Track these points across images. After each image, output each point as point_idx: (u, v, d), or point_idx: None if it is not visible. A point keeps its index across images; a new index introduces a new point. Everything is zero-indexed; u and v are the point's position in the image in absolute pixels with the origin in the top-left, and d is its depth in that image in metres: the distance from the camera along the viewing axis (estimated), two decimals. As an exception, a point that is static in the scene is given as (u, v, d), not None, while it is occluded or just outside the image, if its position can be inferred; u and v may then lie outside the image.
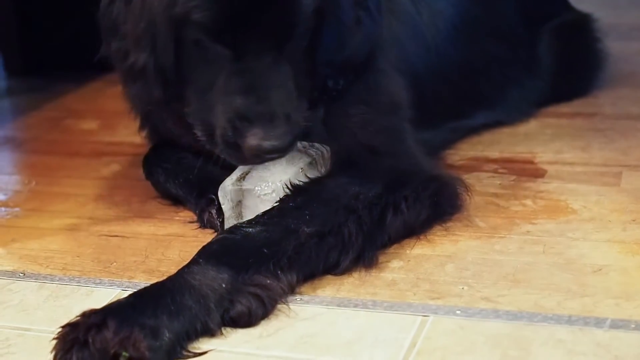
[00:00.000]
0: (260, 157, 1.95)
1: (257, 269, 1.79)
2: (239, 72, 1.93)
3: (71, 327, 1.64)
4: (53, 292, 1.94)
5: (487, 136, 2.65)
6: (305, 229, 1.88)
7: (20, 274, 2.02)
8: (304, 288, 1.86)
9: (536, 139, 2.62)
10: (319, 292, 1.85)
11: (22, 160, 2.88)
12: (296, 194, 1.99)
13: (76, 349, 1.59)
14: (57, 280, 1.99)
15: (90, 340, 1.59)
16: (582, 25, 3.01)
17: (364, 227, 1.93)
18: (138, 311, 1.67)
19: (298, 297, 1.83)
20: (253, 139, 1.90)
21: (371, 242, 1.94)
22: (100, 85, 3.50)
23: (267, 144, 1.91)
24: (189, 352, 1.66)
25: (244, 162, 2.02)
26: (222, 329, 1.72)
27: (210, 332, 1.71)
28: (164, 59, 1.99)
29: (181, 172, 2.28)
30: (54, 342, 1.62)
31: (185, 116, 2.04)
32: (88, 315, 1.65)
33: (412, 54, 2.38)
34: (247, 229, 1.88)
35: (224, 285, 1.75)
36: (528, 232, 2.06)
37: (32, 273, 2.03)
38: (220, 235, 1.90)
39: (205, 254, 1.82)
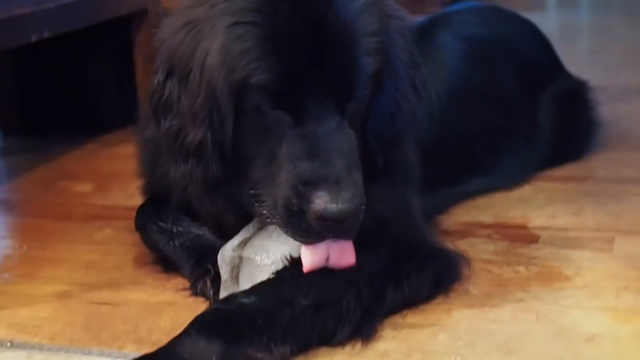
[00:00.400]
0: (328, 223, 1.82)
1: (250, 342, 1.77)
2: (301, 137, 1.86)
3: None
4: (42, 362, 1.93)
5: (481, 200, 2.65)
6: (302, 300, 1.85)
7: (8, 343, 2.00)
8: (298, 358, 1.85)
9: (529, 203, 2.62)
10: (312, 362, 1.84)
11: (14, 223, 2.87)
12: (294, 264, 1.95)
13: None
14: (46, 350, 1.97)
15: None
16: (579, 93, 3.02)
17: (364, 301, 1.91)
18: None
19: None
20: (319, 203, 1.80)
21: (370, 316, 1.91)
22: (95, 146, 3.50)
23: (334, 207, 1.80)
24: None
25: (309, 235, 1.88)
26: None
27: None
28: (223, 132, 1.92)
29: (178, 235, 2.25)
30: None
31: (247, 193, 1.97)
32: None
33: (420, 123, 2.33)
34: (242, 300, 1.86)
35: (214, 358, 1.73)
36: (521, 299, 2.05)
37: (20, 342, 2.01)
38: (214, 306, 1.89)
39: (197, 325, 1.80)
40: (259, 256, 1.99)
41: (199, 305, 2.05)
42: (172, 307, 2.12)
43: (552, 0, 6.82)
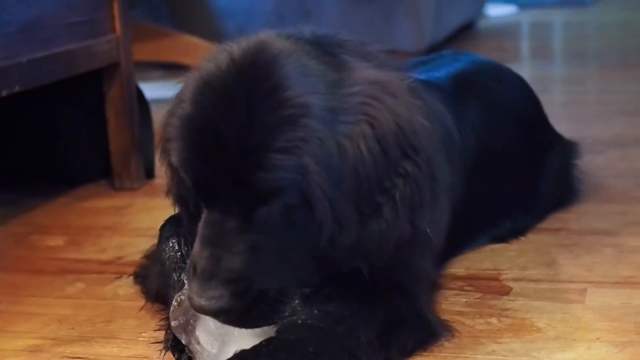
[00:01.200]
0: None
1: None
2: (208, 223, 1.88)
3: None
4: (12, 417, 1.92)
5: (453, 252, 2.65)
6: None
7: (-21, 399, 1.99)
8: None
9: (502, 255, 2.62)
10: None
11: (-15, 277, 2.85)
12: (296, 325, 1.92)
13: None
14: (17, 405, 1.97)
15: None
16: (571, 157, 3.03)
17: None
18: None
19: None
20: (190, 290, 1.87)
21: None
22: (67, 200, 3.49)
23: (196, 300, 1.84)
24: None
25: None
26: None
27: None
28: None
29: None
30: None
31: None
32: None
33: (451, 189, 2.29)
34: None
35: None
36: (493, 351, 2.05)
37: (-9, 398, 2.00)
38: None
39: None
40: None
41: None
42: (144, 361, 2.11)
43: (526, 52, 6.90)
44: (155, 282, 2.32)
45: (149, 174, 3.61)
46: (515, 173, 2.76)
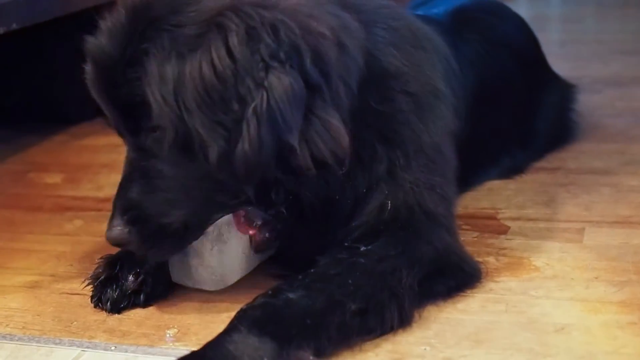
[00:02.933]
0: None
1: (299, 343, 1.75)
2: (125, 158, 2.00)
3: None
4: (12, 352, 1.93)
5: (451, 191, 2.64)
6: (351, 304, 1.83)
7: (-21, 334, 2.00)
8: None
9: (499, 194, 2.62)
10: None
11: (-16, 214, 2.86)
12: (337, 260, 1.94)
13: None
14: (17, 340, 1.98)
15: None
16: (569, 96, 3.05)
17: (403, 314, 1.90)
18: None
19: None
20: None
21: (403, 325, 1.92)
22: (64, 138, 3.49)
23: (106, 231, 1.96)
24: None
25: None
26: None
27: None
28: None
29: None
30: None
31: None
32: None
33: (454, 122, 2.29)
34: (289, 294, 1.82)
35: (265, 358, 1.71)
36: (491, 289, 2.06)
37: (-10, 333, 2.01)
38: (262, 300, 1.83)
39: (247, 321, 1.77)
40: None
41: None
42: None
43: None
44: None
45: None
46: (513, 110, 2.75)
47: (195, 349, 1.76)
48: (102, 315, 2.05)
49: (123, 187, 1.95)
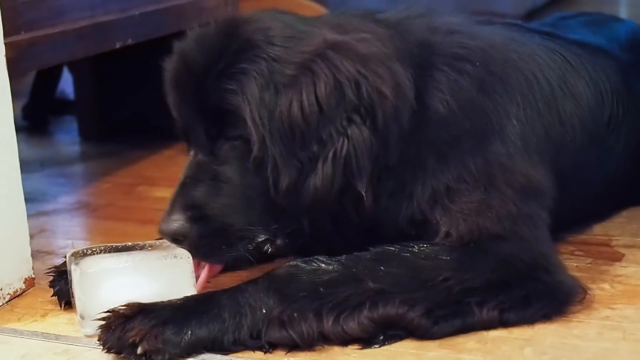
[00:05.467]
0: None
1: (302, 305, 1.87)
2: (188, 161, 2.12)
3: (113, 315, 1.87)
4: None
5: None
6: (370, 283, 1.90)
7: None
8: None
9: (612, 221, 2.60)
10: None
11: (97, 226, 2.90)
12: (383, 250, 1.99)
13: (104, 333, 1.85)
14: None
15: (114, 329, 1.84)
16: None
17: (426, 314, 1.92)
18: (172, 311, 1.87)
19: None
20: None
21: (442, 334, 1.94)
22: (171, 152, 3.54)
23: (161, 225, 2.04)
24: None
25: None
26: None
27: (239, 345, 1.86)
28: None
29: None
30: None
31: None
32: (130, 307, 1.88)
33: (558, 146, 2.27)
34: (321, 264, 1.94)
35: (264, 311, 1.85)
36: (607, 317, 2.04)
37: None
38: (294, 262, 1.96)
39: (268, 276, 1.93)
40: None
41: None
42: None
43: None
44: None
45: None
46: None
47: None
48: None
49: (186, 185, 2.06)
